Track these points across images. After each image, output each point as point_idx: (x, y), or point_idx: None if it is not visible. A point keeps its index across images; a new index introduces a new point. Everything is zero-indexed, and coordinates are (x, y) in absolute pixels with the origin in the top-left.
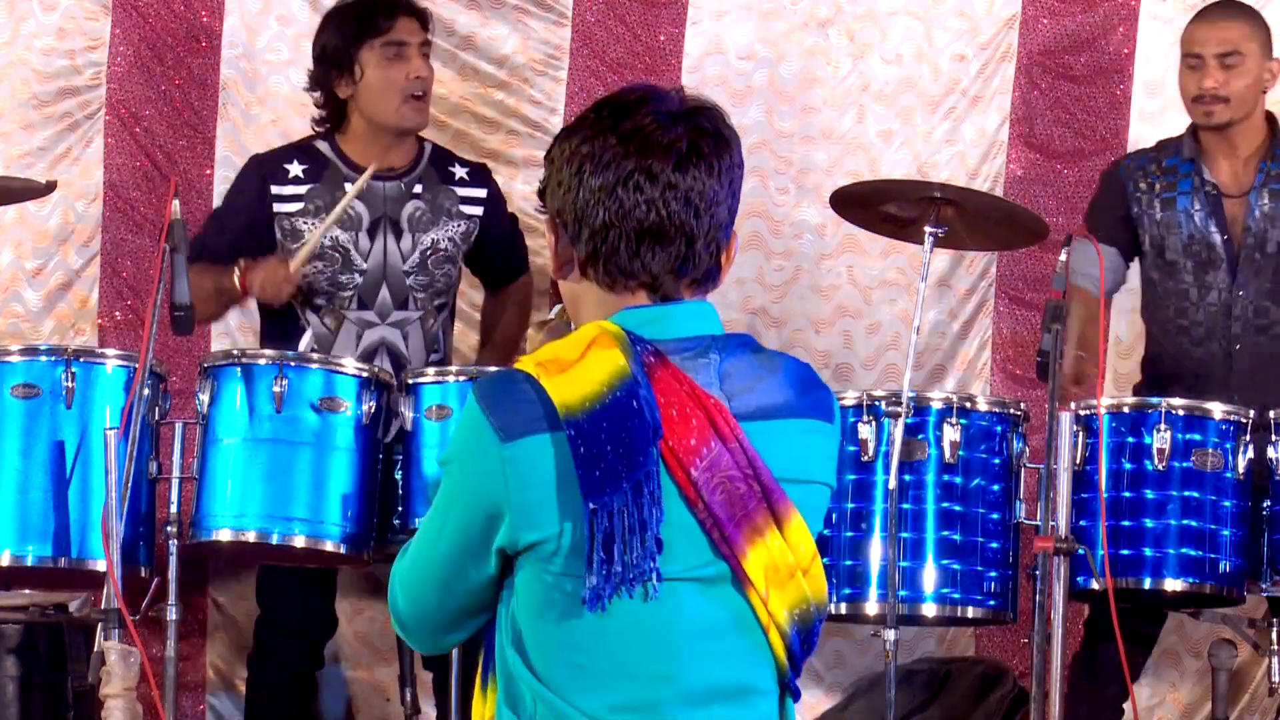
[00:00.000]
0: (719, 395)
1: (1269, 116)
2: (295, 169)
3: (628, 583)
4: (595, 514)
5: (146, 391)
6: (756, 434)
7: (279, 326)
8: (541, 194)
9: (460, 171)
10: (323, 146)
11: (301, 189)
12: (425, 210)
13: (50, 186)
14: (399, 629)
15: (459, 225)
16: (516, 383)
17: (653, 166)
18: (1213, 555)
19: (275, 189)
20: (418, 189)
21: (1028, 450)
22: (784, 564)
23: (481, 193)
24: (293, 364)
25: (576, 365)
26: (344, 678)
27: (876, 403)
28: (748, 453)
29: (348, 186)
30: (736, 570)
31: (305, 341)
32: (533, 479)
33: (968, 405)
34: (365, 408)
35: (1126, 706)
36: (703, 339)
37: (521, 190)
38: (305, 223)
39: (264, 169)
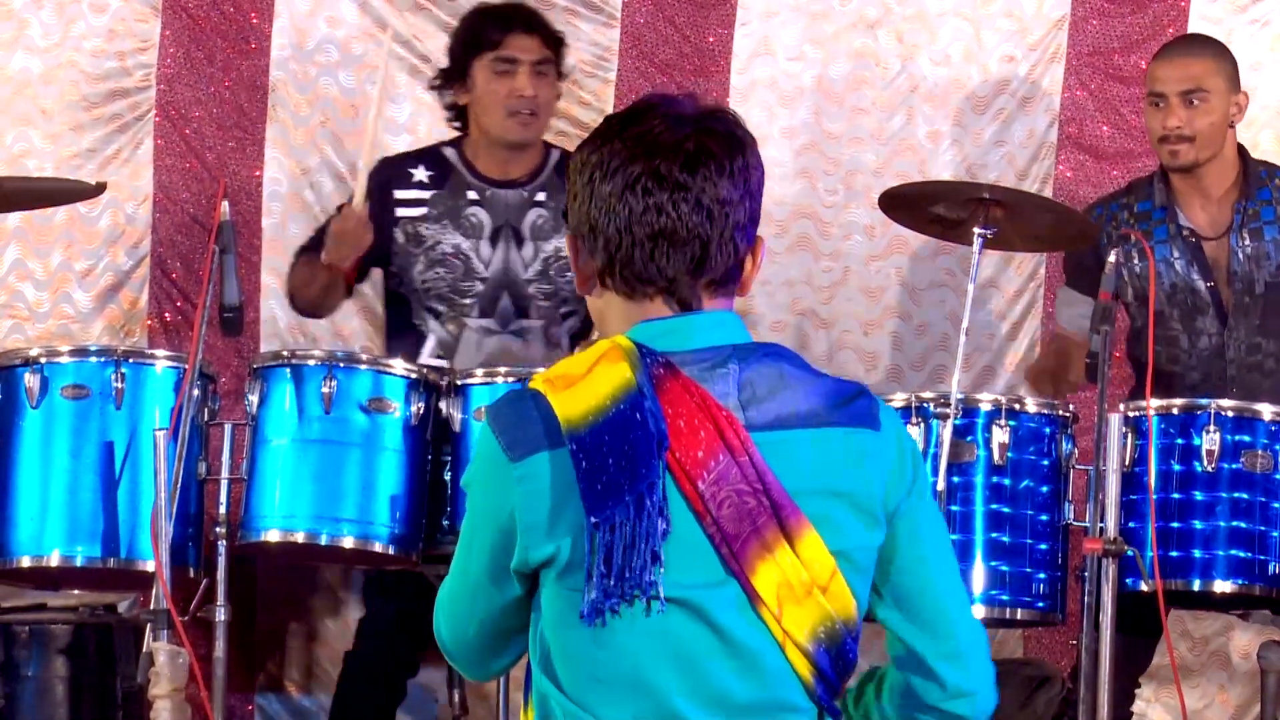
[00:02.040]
0: (734, 405)
1: (1241, 151)
2: (420, 174)
3: (628, 596)
4: (597, 527)
5: (196, 392)
6: (774, 444)
7: (401, 334)
8: (564, 214)
9: None
10: (449, 153)
11: (425, 194)
12: (548, 218)
13: (100, 188)
14: (448, 658)
15: None
16: (523, 401)
17: (660, 168)
18: (1262, 557)
19: (399, 193)
20: (540, 196)
21: (1076, 452)
22: (798, 581)
23: None
24: (341, 365)
25: (583, 380)
26: None
27: (925, 404)
28: (757, 466)
29: (470, 194)
30: (745, 587)
31: (429, 348)
32: (539, 496)
33: (1016, 407)
34: (414, 409)
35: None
36: (723, 349)
37: None
38: (428, 228)
39: (388, 172)
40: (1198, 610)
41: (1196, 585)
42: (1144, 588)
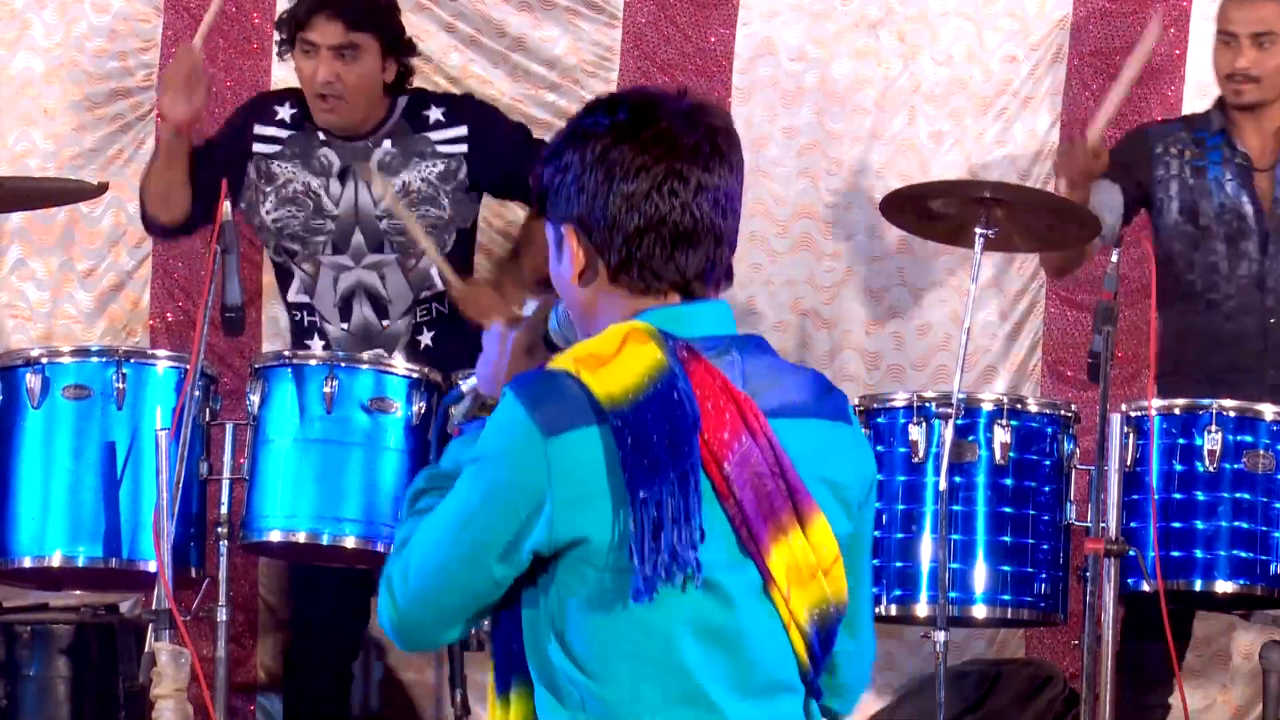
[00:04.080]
0: (746, 392)
1: None
2: (284, 112)
3: (672, 572)
4: (645, 504)
5: (197, 392)
6: (780, 431)
7: (279, 275)
8: (541, 201)
9: (436, 114)
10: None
11: (284, 133)
12: (395, 154)
13: (101, 188)
14: (390, 628)
15: (435, 165)
16: (557, 379)
17: (684, 170)
18: (1264, 557)
19: (259, 128)
20: (386, 144)
21: (1078, 452)
22: (806, 564)
23: (460, 130)
24: (343, 365)
25: (615, 359)
26: (393, 679)
27: (927, 404)
28: (775, 450)
29: (320, 135)
30: (760, 568)
31: (294, 287)
32: (579, 472)
33: (1018, 407)
34: (415, 408)
35: (1173, 701)
36: (724, 338)
37: None
38: (280, 165)
39: (257, 106)
40: (1199, 610)
41: (1198, 585)
42: (1145, 588)
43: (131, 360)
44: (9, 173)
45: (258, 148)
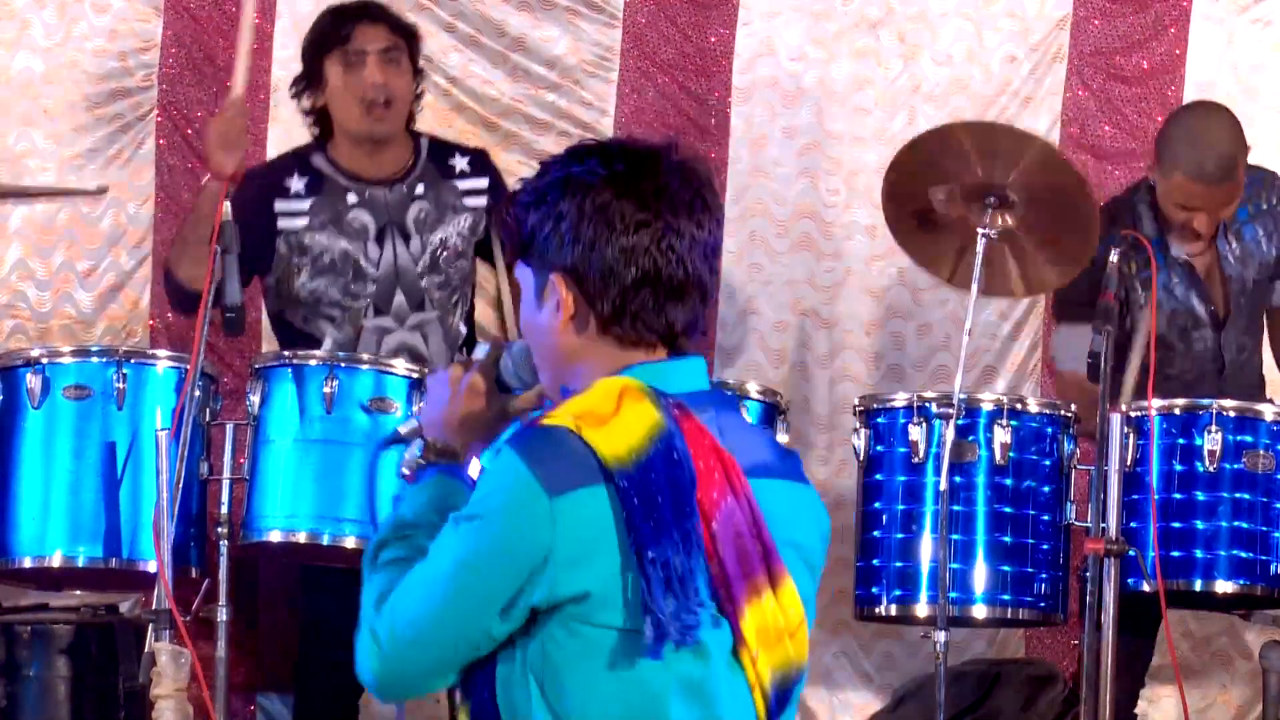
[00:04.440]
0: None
1: None
2: (296, 184)
3: (682, 633)
4: (653, 563)
5: (198, 392)
6: (755, 490)
7: (287, 341)
8: (527, 247)
9: (460, 163)
10: (318, 161)
11: (304, 204)
12: (430, 209)
13: (101, 192)
14: (374, 680)
15: (465, 219)
16: (559, 436)
17: (680, 225)
18: (1264, 557)
19: (279, 205)
20: (419, 189)
21: (1078, 452)
22: (774, 626)
23: (483, 182)
24: (343, 365)
25: (615, 418)
26: None
27: (927, 404)
28: (754, 510)
29: (350, 198)
30: (734, 628)
31: (325, 349)
32: (584, 530)
33: (1018, 407)
34: (415, 408)
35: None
36: (702, 394)
37: None
38: (313, 238)
39: (263, 183)
40: (1199, 610)
41: (1198, 585)
42: (1145, 588)
43: (132, 360)
44: (9, 173)
45: (283, 224)
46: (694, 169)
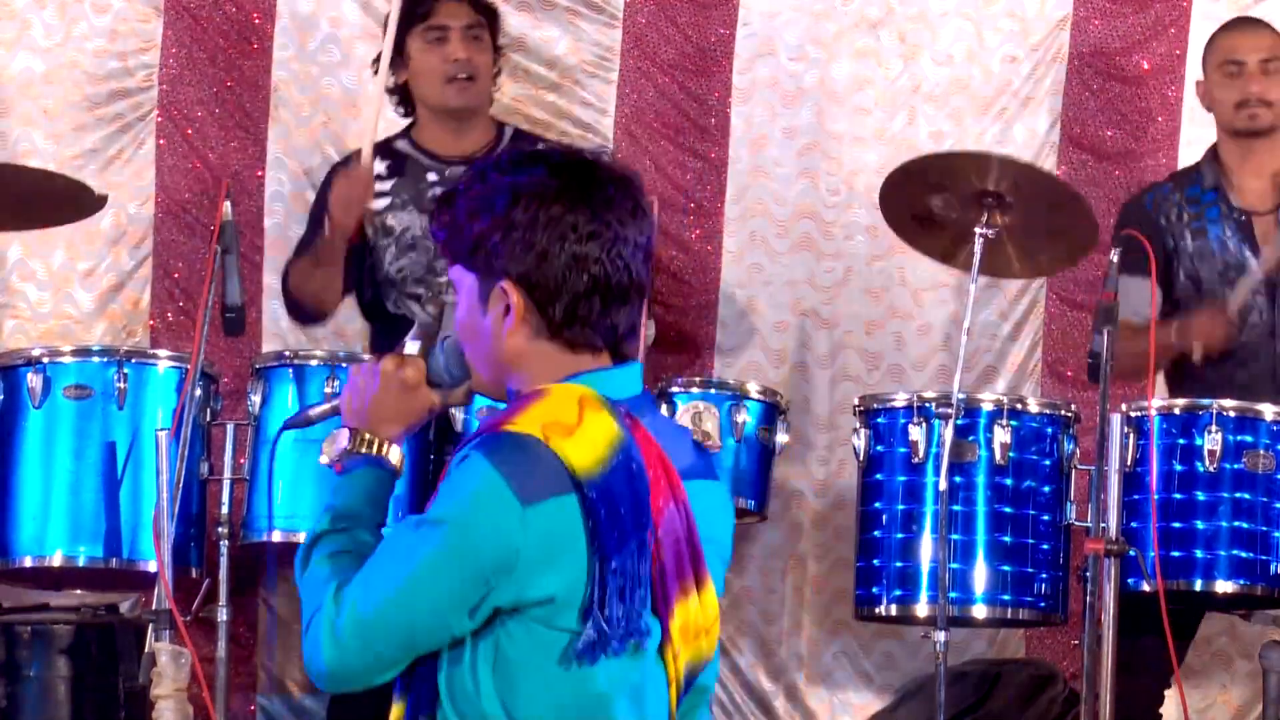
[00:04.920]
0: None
1: None
2: (378, 168)
3: (627, 637)
4: (615, 572)
5: (198, 392)
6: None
7: (384, 327)
8: (473, 252)
9: None
10: (400, 144)
11: (386, 185)
12: None
13: (101, 200)
14: (324, 671)
15: None
16: (529, 445)
17: (626, 233)
18: (1264, 557)
19: None
20: None
21: (1078, 452)
22: (695, 625)
23: None
24: (344, 365)
25: (580, 429)
26: None
27: (927, 404)
28: (687, 515)
29: (430, 176)
30: (664, 628)
31: (411, 333)
32: (554, 538)
33: (1018, 407)
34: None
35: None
36: (637, 399)
37: None
38: (395, 217)
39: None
40: (1199, 610)
41: (1198, 585)
42: (1146, 587)
43: (132, 360)
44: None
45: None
46: (630, 177)
